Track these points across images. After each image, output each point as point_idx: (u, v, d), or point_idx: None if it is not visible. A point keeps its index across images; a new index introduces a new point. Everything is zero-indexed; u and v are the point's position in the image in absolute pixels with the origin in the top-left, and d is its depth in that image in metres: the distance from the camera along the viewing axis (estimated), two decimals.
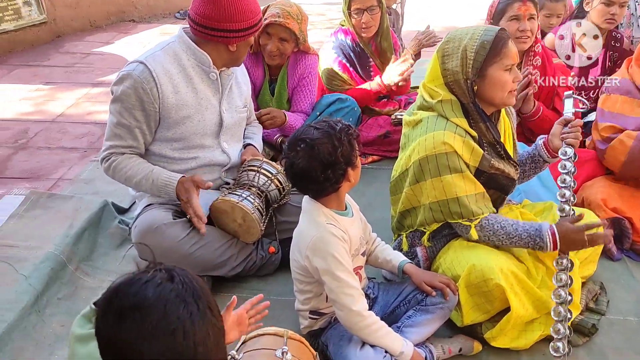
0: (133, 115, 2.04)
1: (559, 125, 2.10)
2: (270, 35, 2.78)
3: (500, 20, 2.71)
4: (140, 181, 2.07)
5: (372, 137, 3.23)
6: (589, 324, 2.03)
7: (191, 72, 2.10)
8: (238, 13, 2.00)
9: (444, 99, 1.97)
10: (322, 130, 1.69)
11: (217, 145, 2.21)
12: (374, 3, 3.10)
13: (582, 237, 1.85)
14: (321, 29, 6.47)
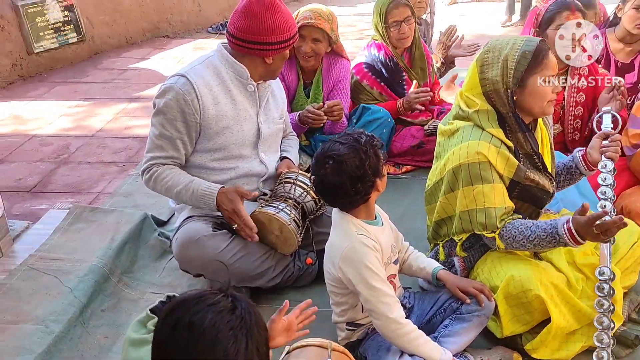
0: (175, 127, 2.09)
1: (598, 139, 2.09)
2: (304, 37, 2.87)
3: (547, 28, 2.69)
4: (181, 191, 2.12)
5: (406, 148, 3.23)
6: (632, 335, 1.99)
7: (230, 84, 2.16)
8: (274, 26, 2.06)
9: (480, 108, 1.97)
10: (347, 144, 1.72)
11: (255, 156, 2.26)
12: (409, 13, 3.14)
13: (591, 229, 1.74)
14: (352, 40, 6.52)
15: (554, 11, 2.68)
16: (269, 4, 2.05)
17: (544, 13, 2.71)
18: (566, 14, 2.64)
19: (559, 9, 2.66)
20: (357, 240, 1.74)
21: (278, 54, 2.14)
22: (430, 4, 3.97)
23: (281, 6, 2.09)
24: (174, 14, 7.00)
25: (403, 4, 3.13)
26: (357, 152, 1.71)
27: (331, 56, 3.10)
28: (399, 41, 3.18)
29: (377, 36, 3.25)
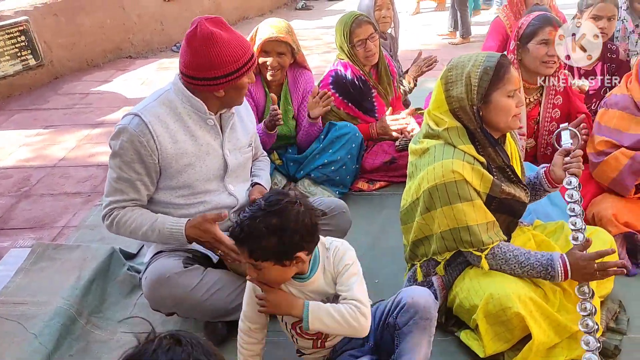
0: (133, 169, 2.02)
1: (560, 155, 2.11)
2: (268, 52, 2.90)
3: (529, 42, 2.72)
4: (146, 232, 2.05)
5: (378, 164, 3.22)
6: (611, 345, 2.00)
7: (188, 120, 2.07)
8: (215, 60, 1.94)
9: (449, 126, 1.97)
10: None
11: (223, 189, 2.18)
12: (372, 30, 3.16)
13: (591, 265, 1.84)
14: (319, 54, 6.50)
15: (536, 25, 2.70)
16: (207, 36, 1.92)
17: (526, 27, 2.73)
18: (549, 29, 2.67)
19: (542, 24, 2.69)
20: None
21: (227, 86, 2.01)
22: (394, 17, 3.97)
23: (221, 36, 1.93)
24: (136, 33, 6.89)
25: (365, 22, 3.13)
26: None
27: (294, 69, 3.11)
28: (366, 59, 3.18)
29: (343, 55, 3.23)
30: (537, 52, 2.69)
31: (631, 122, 2.48)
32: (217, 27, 1.96)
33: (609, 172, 2.49)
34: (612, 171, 2.48)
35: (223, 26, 1.98)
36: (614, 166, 2.46)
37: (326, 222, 2.33)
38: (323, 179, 3.04)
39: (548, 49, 2.67)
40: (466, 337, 2.04)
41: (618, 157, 2.45)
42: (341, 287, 1.72)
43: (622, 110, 2.52)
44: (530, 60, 2.71)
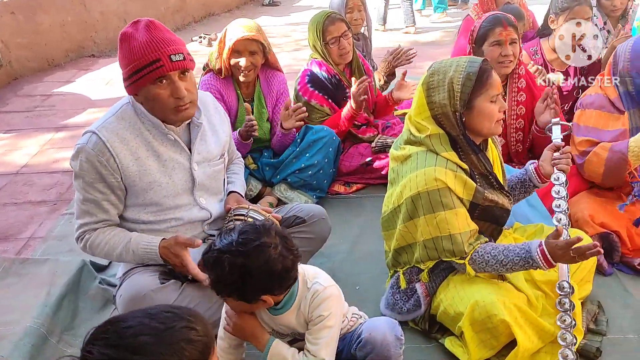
0: (97, 189, 1.94)
1: (549, 151, 2.11)
2: (240, 52, 2.83)
3: (483, 45, 2.72)
4: (121, 254, 1.97)
5: (355, 166, 3.19)
6: (593, 347, 2.01)
7: (148, 135, 1.97)
8: (121, 61, 1.87)
9: (432, 132, 1.95)
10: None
11: (193, 203, 2.10)
12: (345, 28, 3.13)
13: (568, 253, 1.79)
14: (289, 52, 6.42)
15: (487, 27, 2.71)
16: (120, 37, 1.86)
17: (478, 30, 2.74)
18: (499, 30, 2.67)
19: (492, 25, 2.69)
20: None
21: (135, 90, 1.89)
22: (366, 17, 3.94)
23: (132, 37, 1.83)
24: (99, 31, 6.68)
25: (338, 19, 3.10)
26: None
27: (266, 70, 3.05)
28: (340, 57, 3.15)
29: (316, 54, 3.19)
30: (491, 53, 2.70)
31: (609, 119, 2.51)
32: (138, 27, 1.86)
33: (595, 169, 2.50)
34: (597, 167, 2.49)
35: (148, 27, 1.86)
36: (597, 162, 2.48)
37: (306, 230, 2.30)
38: (300, 184, 2.99)
39: (501, 50, 2.68)
40: (451, 344, 2.03)
41: (598, 153, 2.47)
42: (309, 336, 1.67)
43: (598, 109, 2.54)
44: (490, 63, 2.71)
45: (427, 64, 5.41)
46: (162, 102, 1.89)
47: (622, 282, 2.39)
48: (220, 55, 2.88)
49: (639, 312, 2.21)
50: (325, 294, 1.66)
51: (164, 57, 1.84)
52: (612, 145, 2.44)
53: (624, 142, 2.42)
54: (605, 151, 2.46)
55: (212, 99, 2.29)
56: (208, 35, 7.10)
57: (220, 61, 2.89)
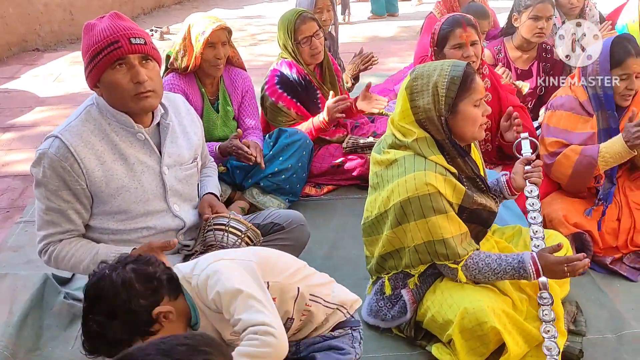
0: (61, 197, 1.82)
1: (521, 164, 2.13)
2: (214, 44, 2.74)
3: (444, 48, 2.70)
4: (88, 266, 1.84)
5: (325, 167, 3.13)
6: (576, 349, 2.04)
7: (115, 137, 1.87)
8: (82, 48, 1.82)
9: (419, 137, 1.93)
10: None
11: (166, 210, 1.99)
12: (317, 27, 3.06)
13: (562, 268, 1.87)
14: (245, 47, 6.27)
15: (446, 30, 2.69)
16: (85, 26, 1.83)
17: (438, 32, 2.72)
18: (459, 31, 2.66)
19: (451, 27, 2.67)
20: None
21: (95, 80, 1.82)
22: (333, 16, 3.88)
23: (94, 24, 1.81)
24: (43, 24, 6.34)
25: (310, 19, 3.02)
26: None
27: (228, 68, 2.97)
28: (311, 57, 3.07)
29: (286, 54, 3.10)
30: (452, 56, 2.68)
31: (578, 121, 2.56)
32: (103, 18, 1.81)
33: (563, 170, 2.54)
34: (565, 169, 2.53)
35: (112, 17, 1.82)
36: (567, 164, 2.52)
37: (285, 237, 2.24)
38: (272, 188, 2.90)
39: (462, 51, 2.68)
40: (438, 352, 2.01)
41: (568, 155, 2.51)
42: (230, 319, 1.48)
43: (568, 111, 2.59)
44: None
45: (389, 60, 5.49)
46: (122, 88, 1.80)
47: (595, 282, 2.44)
48: (188, 52, 2.76)
49: (614, 312, 2.25)
50: (207, 271, 1.54)
51: (123, 39, 1.77)
52: (583, 149, 2.49)
53: (594, 147, 2.46)
54: (575, 154, 2.50)
55: (184, 100, 2.20)
56: (160, 28, 6.86)
57: (188, 58, 2.77)
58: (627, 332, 2.14)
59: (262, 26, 7.35)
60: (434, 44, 2.76)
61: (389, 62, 5.19)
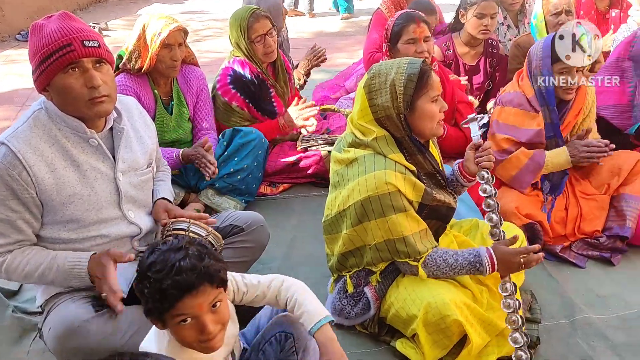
0: (9, 207, 1.72)
1: (471, 150, 2.15)
2: (171, 45, 2.67)
3: (397, 43, 2.74)
4: (44, 272, 1.75)
5: (281, 166, 3.10)
6: (533, 337, 2.10)
7: (66, 143, 1.78)
8: (29, 52, 1.74)
9: (378, 135, 1.93)
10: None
11: (121, 217, 1.92)
12: (270, 25, 3.02)
13: (518, 259, 1.90)
14: (189, 43, 6.09)
15: (400, 25, 2.74)
16: (32, 27, 1.75)
17: (392, 27, 2.76)
18: (412, 27, 2.72)
19: (405, 23, 2.73)
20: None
21: (44, 83, 1.73)
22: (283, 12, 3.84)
23: (41, 26, 1.72)
24: None
25: (263, 17, 2.98)
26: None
27: (182, 67, 2.90)
28: (265, 56, 3.03)
29: (239, 53, 3.04)
30: (406, 51, 2.74)
31: (526, 118, 2.64)
32: (50, 18, 1.73)
33: (510, 170, 2.62)
34: (512, 169, 2.62)
35: (62, 16, 1.74)
36: (515, 165, 2.60)
37: (245, 239, 2.20)
38: (228, 189, 2.85)
39: (416, 47, 2.74)
40: (402, 346, 2.04)
41: (519, 157, 2.60)
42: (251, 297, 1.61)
43: (516, 107, 2.66)
44: None
45: (336, 55, 5.49)
46: (75, 93, 1.71)
47: (547, 270, 2.52)
48: (143, 53, 2.67)
49: (566, 298, 2.34)
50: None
51: (76, 42, 1.69)
52: (533, 154, 2.58)
53: (542, 155, 2.58)
54: (525, 158, 2.59)
55: (136, 103, 2.11)
56: (98, 25, 6.63)
57: (143, 58, 2.68)
58: (579, 317, 2.23)
59: (205, 22, 7.22)
60: (387, 39, 2.79)
61: (336, 57, 5.20)
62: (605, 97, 2.77)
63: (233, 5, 4.24)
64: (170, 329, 1.39)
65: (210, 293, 1.35)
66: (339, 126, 3.34)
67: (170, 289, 1.30)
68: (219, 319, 1.38)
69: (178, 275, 1.31)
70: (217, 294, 1.37)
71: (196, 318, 1.34)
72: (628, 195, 2.64)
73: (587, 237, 2.64)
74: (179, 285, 1.30)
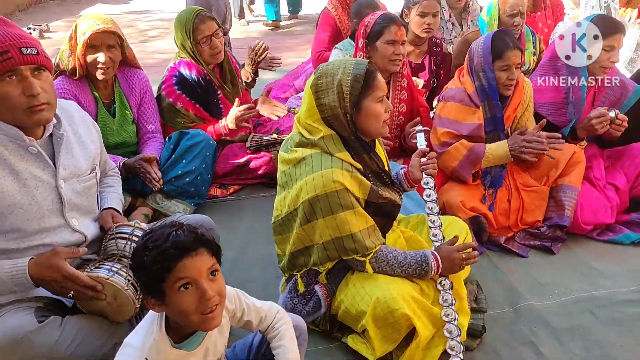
0: None
1: (417, 157, 2.22)
2: (97, 47, 2.61)
3: (376, 41, 2.78)
4: None
5: (230, 167, 3.09)
6: (479, 326, 2.17)
7: (4, 152, 1.73)
8: None
9: (324, 134, 1.96)
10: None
11: (64, 225, 1.87)
12: (216, 26, 2.99)
13: (459, 256, 2.02)
14: (135, 44, 6.02)
15: (382, 25, 2.78)
16: None
17: (372, 26, 2.79)
18: (394, 29, 2.76)
19: (387, 23, 2.77)
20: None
21: None
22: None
23: None
24: None
25: (208, 18, 2.96)
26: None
27: (124, 69, 2.85)
28: (211, 57, 3.01)
29: (185, 54, 3.01)
30: (384, 51, 2.79)
31: (467, 112, 2.72)
32: None
33: (450, 162, 2.70)
34: (452, 161, 2.69)
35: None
36: (455, 156, 2.68)
37: None
38: (177, 192, 2.82)
39: (395, 48, 2.78)
40: (353, 342, 2.07)
41: (458, 148, 2.67)
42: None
43: (458, 102, 2.74)
44: (379, 58, 2.80)
45: (286, 55, 5.50)
46: (12, 101, 1.67)
47: (492, 261, 2.62)
48: (74, 53, 2.61)
49: (510, 287, 2.44)
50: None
51: (13, 49, 1.64)
52: (473, 146, 2.66)
53: (482, 147, 2.66)
54: (465, 149, 2.67)
55: (78, 108, 2.07)
56: (39, 26, 6.41)
57: (74, 59, 2.62)
58: (523, 304, 2.32)
59: (151, 22, 7.10)
60: (365, 36, 2.82)
61: (286, 57, 5.20)
62: (542, 95, 2.88)
63: (179, 5, 4.20)
64: (170, 301, 1.38)
65: (208, 259, 1.40)
66: (288, 126, 3.34)
67: (170, 248, 1.36)
68: (218, 288, 1.41)
69: (177, 239, 1.37)
70: (214, 262, 1.42)
71: (196, 283, 1.37)
72: (566, 186, 2.75)
73: (529, 228, 2.75)
74: (179, 245, 1.36)
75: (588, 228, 2.74)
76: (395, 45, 2.77)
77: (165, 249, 1.36)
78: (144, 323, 1.50)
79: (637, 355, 2.06)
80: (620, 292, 2.39)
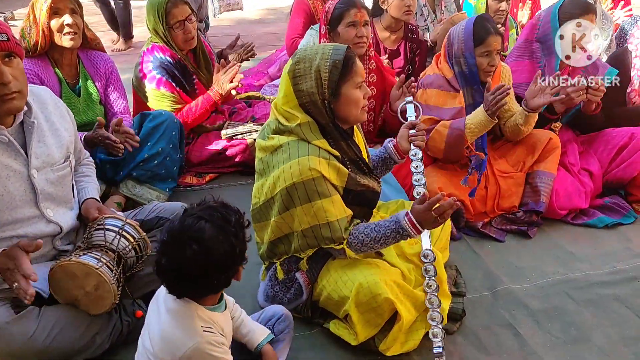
0: None
1: (406, 129, 2.21)
2: (60, 10, 2.51)
3: (338, 26, 2.75)
4: None
5: (206, 156, 3.04)
6: (459, 310, 2.19)
7: None
8: None
9: (302, 121, 1.93)
10: (215, 224, 1.46)
11: (39, 216, 1.83)
12: (190, 11, 2.93)
13: (430, 215, 1.85)
14: (104, 32, 5.87)
15: (342, 9, 2.76)
16: None
17: (332, 11, 2.78)
18: (354, 11, 2.74)
19: (346, 7, 2.75)
20: (204, 340, 1.49)
21: None
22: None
23: None
24: None
25: (182, 2, 2.89)
26: (227, 236, 1.46)
27: (86, 51, 2.76)
28: (185, 42, 2.95)
29: (157, 39, 2.94)
30: (347, 34, 2.78)
31: (447, 97, 2.73)
32: None
33: (437, 145, 2.70)
34: (439, 143, 2.69)
35: None
36: (439, 139, 2.68)
37: None
38: (148, 176, 2.72)
39: (357, 31, 2.77)
40: (336, 328, 2.06)
41: (439, 130, 2.67)
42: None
43: (437, 88, 2.75)
44: (342, 42, 2.77)
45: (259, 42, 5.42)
46: None
47: (470, 246, 2.64)
48: (36, 24, 2.52)
49: (487, 271, 2.46)
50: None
51: None
52: (452, 122, 2.66)
53: (461, 120, 2.64)
54: (445, 129, 2.66)
55: (51, 94, 2.00)
56: (3, 14, 6.23)
57: (37, 31, 2.52)
58: (500, 288, 2.35)
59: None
60: (326, 22, 2.80)
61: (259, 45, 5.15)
62: (519, 75, 2.90)
63: None
64: None
65: None
66: (264, 114, 3.30)
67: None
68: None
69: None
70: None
71: None
72: (542, 172, 2.79)
73: (506, 213, 2.78)
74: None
75: (563, 213, 2.79)
76: (357, 27, 2.75)
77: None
78: (175, 330, 1.52)
79: (612, 335, 2.11)
80: (595, 274, 2.44)
